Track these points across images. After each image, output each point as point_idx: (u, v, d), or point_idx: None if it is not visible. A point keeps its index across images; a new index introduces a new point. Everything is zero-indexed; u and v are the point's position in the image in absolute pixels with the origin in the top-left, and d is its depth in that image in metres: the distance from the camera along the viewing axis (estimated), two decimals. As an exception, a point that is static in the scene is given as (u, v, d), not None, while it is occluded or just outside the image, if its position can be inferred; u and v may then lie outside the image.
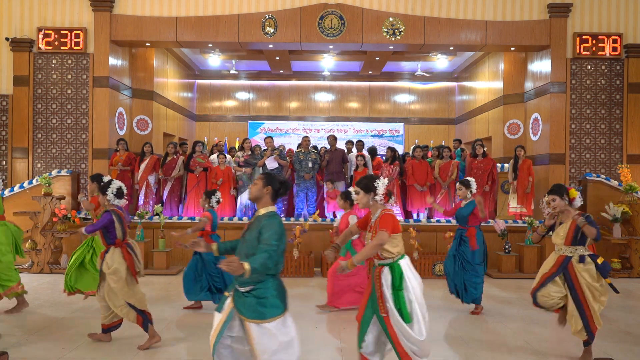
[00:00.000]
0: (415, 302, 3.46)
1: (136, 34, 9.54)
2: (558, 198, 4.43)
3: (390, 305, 3.44)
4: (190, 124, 14.10)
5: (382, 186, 3.61)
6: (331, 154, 9.61)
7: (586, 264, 4.28)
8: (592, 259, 4.29)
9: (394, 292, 3.45)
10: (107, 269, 4.63)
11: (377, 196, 3.60)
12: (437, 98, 14.95)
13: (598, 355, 4.52)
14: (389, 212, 3.56)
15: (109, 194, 4.82)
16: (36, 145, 9.53)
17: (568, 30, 9.59)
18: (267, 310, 3.06)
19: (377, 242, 3.44)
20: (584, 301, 4.27)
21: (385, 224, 3.48)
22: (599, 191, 9.20)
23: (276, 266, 3.10)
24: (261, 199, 3.23)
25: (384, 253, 3.52)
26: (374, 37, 9.57)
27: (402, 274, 3.48)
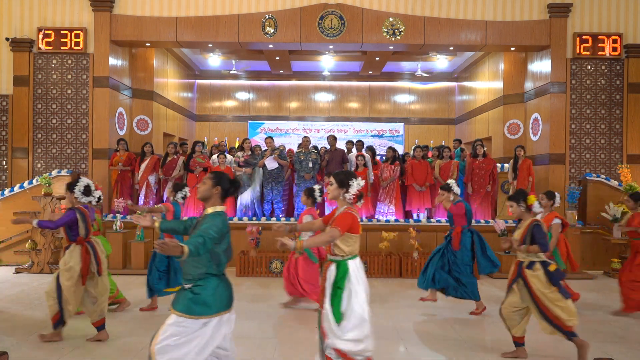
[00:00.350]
0: (352, 305, 3.43)
1: (136, 34, 9.54)
2: (515, 204, 4.45)
3: (327, 301, 3.46)
4: (190, 124, 14.10)
5: (356, 187, 3.60)
6: (331, 154, 9.61)
7: (534, 270, 4.26)
8: (542, 265, 4.26)
9: (333, 289, 3.46)
10: (64, 265, 4.72)
11: (348, 194, 3.60)
12: (437, 98, 14.95)
13: (598, 355, 4.51)
14: (350, 212, 3.55)
15: (76, 192, 4.86)
16: (36, 145, 9.53)
17: (568, 30, 9.59)
18: (195, 307, 3.03)
19: (326, 237, 3.45)
20: (543, 306, 4.24)
21: (342, 222, 3.48)
22: (599, 191, 9.21)
23: (218, 266, 3.10)
24: (210, 198, 3.21)
25: (335, 249, 3.53)
26: (374, 37, 9.57)
27: (346, 273, 3.47)
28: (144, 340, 4.76)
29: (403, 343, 4.91)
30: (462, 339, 5.05)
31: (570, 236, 8.48)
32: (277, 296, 6.80)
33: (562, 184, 9.47)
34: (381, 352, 4.60)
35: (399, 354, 4.63)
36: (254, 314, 5.87)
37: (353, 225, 3.51)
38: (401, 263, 8.23)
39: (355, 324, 3.40)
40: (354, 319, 3.41)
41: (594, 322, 5.67)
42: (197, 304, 3.03)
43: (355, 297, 3.44)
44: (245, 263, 8.20)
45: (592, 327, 5.47)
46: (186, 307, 3.03)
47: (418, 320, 5.75)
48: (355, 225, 3.53)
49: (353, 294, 3.44)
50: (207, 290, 3.06)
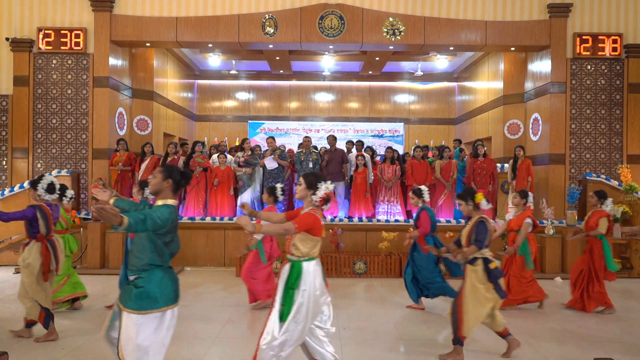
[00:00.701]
0: (302, 308, 3.42)
1: (136, 34, 9.54)
2: (464, 203, 4.52)
3: (277, 300, 3.47)
4: (190, 124, 14.10)
5: (323, 190, 3.59)
6: (331, 154, 9.61)
7: (475, 265, 4.33)
8: (483, 261, 4.31)
9: (285, 288, 3.47)
10: (22, 262, 4.75)
11: (315, 196, 3.59)
12: (437, 98, 14.95)
13: (598, 355, 4.51)
14: (314, 213, 3.55)
15: (40, 189, 4.87)
16: (36, 145, 9.53)
17: (568, 30, 9.59)
18: (141, 302, 3.03)
19: (279, 229, 3.44)
20: (460, 303, 4.30)
21: (302, 220, 3.48)
22: (599, 191, 9.19)
23: (161, 257, 3.09)
24: (161, 192, 3.22)
25: (293, 249, 3.54)
26: (374, 37, 9.57)
27: (300, 274, 3.47)
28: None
29: (403, 343, 4.91)
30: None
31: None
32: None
33: (562, 184, 9.47)
34: (381, 352, 4.60)
35: (399, 353, 4.63)
36: (254, 314, 5.87)
37: (314, 227, 3.51)
38: (401, 263, 8.23)
39: (290, 326, 3.40)
40: (292, 320, 3.40)
41: (594, 322, 5.67)
42: (142, 299, 3.03)
43: (303, 300, 3.43)
44: (245, 263, 8.19)
45: (592, 327, 5.47)
46: (134, 304, 3.03)
47: (418, 320, 5.75)
48: (316, 227, 3.52)
49: (300, 296, 3.44)
50: (151, 283, 3.05)
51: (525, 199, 6.11)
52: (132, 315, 3.01)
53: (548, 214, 8.36)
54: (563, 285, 7.71)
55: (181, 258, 8.79)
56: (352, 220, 9.04)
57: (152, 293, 3.04)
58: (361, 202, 9.26)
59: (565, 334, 5.24)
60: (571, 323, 5.63)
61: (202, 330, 5.19)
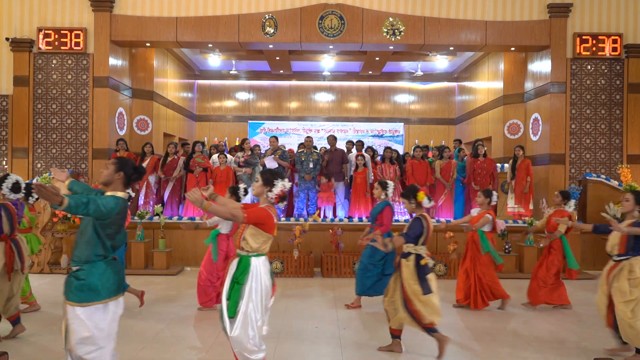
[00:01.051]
0: (249, 303, 3.43)
1: (136, 34, 9.55)
2: (407, 201, 4.60)
3: (224, 294, 3.48)
4: (190, 124, 14.10)
5: (279, 187, 3.61)
6: (331, 154, 9.61)
7: (407, 260, 4.43)
8: (415, 257, 4.41)
9: (232, 283, 3.48)
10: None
11: (271, 193, 3.61)
12: (437, 98, 14.96)
13: (598, 355, 4.52)
14: (267, 210, 3.54)
15: (4, 188, 4.87)
16: (36, 146, 9.53)
17: (568, 30, 9.59)
18: (82, 294, 3.04)
19: (227, 212, 3.40)
20: (407, 296, 4.37)
21: (253, 212, 3.48)
22: (599, 191, 9.21)
23: (104, 249, 3.10)
24: (111, 183, 3.23)
25: (243, 244, 3.54)
26: (374, 37, 9.57)
27: (247, 269, 3.48)
28: (145, 342, 4.76)
29: (403, 343, 4.91)
30: (465, 338, 5.05)
31: (571, 236, 8.47)
32: (277, 295, 6.81)
33: (562, 184, 9.47)
34: (382, 352, 4.60)
35: (399, 353, 4.63)
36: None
37: (265, 222, 3.50)
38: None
39: (242, 321, 3.42)
40: (243, 316, 3.42)
41: (594, 322, 5.67)
42: (83, 291, 3.05)
43: (250, 296, 3.45)
44: (245, 263, 8.19)
45: (591, 327, 5.48)
46: (75, 296, 3.05)
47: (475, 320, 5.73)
48: (268, 223, 3.51)
49: (248, 291, 3.45)
50: (92, 276, 3.07)
51: (490, 198, 6.13)
52: (74, 308, 3.04)
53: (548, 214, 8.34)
54: (563, 285, 7.70)
55: (181, 258, 8.80)
56: (352, 220, 9.04)
57: (94, 285, 3.06)
58: (361, 202, 9.26)
59: (565, 331, 5.24)
60: (570, 324, 5.63)
61: (202, 331, 5.19)
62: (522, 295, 7.00)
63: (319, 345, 4.79)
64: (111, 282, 3.13)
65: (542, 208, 8.49)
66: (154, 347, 4.67)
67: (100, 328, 3.07)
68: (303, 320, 5.64)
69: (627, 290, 4.29)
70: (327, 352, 4.62)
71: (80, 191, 3.43)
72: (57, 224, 8.41)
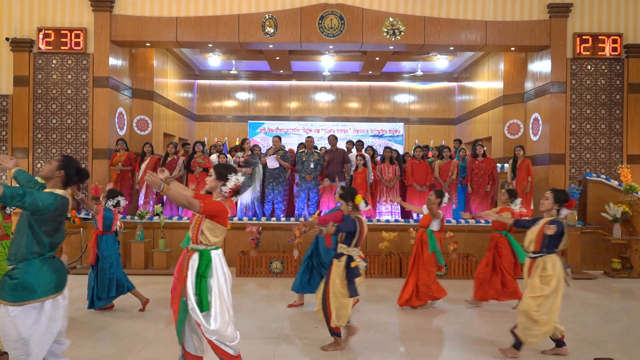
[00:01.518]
0: (216, 293, 3.48)
1: (136, 34, 9.54)
2: (344, 203, 4.69)
3: (190, 289, 3.46)
4: (190, 124, 14.10)
5: (233, 181, 3.63)
6: (332, 154, 9.60)
7: (339, 260, 4.53)
8: (347, 258, 4.49)
9: (197, 278, 3.48)
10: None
11: (224, 187, 3.63)
12: (437, 98, 14.95)
13: (598, 355, 4.51)
14: (222, 203, 3.58)
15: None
16: (36, 145, 9.53)
17: (568, 30, 9.59)
18: (16, 293, 3.00)
19: (185, 200, 3.40)
20: (328, 295, 4.48)
21: (209, 203, 3.50)
22: (599, 191, 9.21)
23: (40, 246, 3.07)
24: (51, 179, 3.22)
25: (201, 238, 3.54)
26: (374, 37, 9.57)
27: (209, 261, 3.51)
28: (144, 342, 4.76)
29: (403, 343, 4.91)
30: (463, 338, 5.04)
31: (571, 236, 8.49)
32: (278, 296, 6.81)
33: (562, 184, 9.47)
34: (382, 352, 4.61)
35: (399, 353, 4.63)
36: (254, 314, 5.87)
37: (220, 215, 3.53)
38: (401, 263, 8.23)
39: (219, 312, 3.46)
40: (218, 307, 3.47)
41: (594, 322, 5.67)
42: (17, 290, 3.01)
43: (217, 286, 3.50)
44: (245, 263, 8.20)
45: (592, 327, 5.47)
46: (9, 295, 3.01)
47: (418, 320, 5.75)
48: (223, 215, 3.55)
49: (215, 284, 3.50)
50: (27, 275, 3.04)
51: (441, 199, 6.14)
52: (8, 307, 3.01)
53: (548, 214, 8.34)
54: (563, 285, 7.71)
55: (181, 258, 8.79)
56: (352, 220, 9.02)
57: (28, 284, 3.02)
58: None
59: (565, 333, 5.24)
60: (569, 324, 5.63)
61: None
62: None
63: (320, 346, 4.78)
64: (48, 280, 3.08)
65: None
66: (154, 347, 4.67)
67: (35, 328, 3.01)
68: (303, 320, 5.64)
69: (537, 287, 4.37)
70: (327, 352, 4.62)
71: (24, 182, 3.43)
72: (57, 224, 8.40)
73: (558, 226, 4.35)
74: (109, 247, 5.91)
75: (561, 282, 4.37)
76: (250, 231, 8.21)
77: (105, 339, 4.90)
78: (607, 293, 7.24)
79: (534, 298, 4.35)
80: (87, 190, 9.44)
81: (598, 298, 6.91)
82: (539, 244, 4.45)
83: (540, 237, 4.44)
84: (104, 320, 5.51)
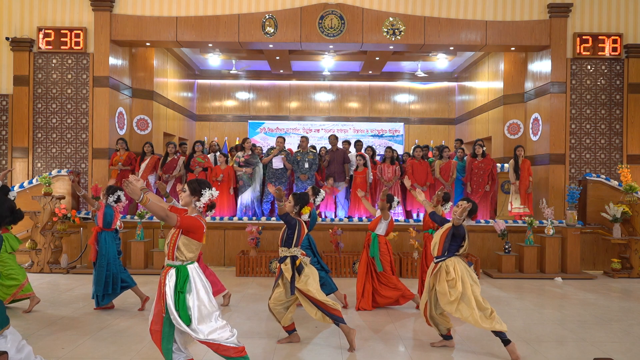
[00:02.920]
0: (197, 307, 3.48)
1: (136, 34, 9.54)
2: (293, 204, 4.78)
3: (170, 305, 3.45)
4: (190, 123, 14.10)
5: (207, 197, 3.65)
6: (332, 154, 9.60)
7: (285, 264, 4.64)
8: (291, 259, 4.61)
9: (175, 293, 3.48)
10: None
11: (199, 202, 3.65)
12: (437, 98, 14.96)
13: (598, 356, 4.52)
14: (198, 219, 3.59)
15: None
16: (36, 145, 9.53)
17: (568, 30, 9.59)
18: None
19: (163, 212, 3.39)
20: (307, 295, 4.56)
21: (187, 219, 3.51)
22: (599, 191, 9.21)
23: None
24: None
25: (177, 254, 3.53)
26: (374, 37, 9.57)
27: (187, 277, 3.50)
28: (145, 343, 4.76)
29: (403, 343, 4.91)
30: (463, 338, 5.05)
31: (570, 236, 8.50)
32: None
33: (562, 184, 9.47)
34: (382, 352, 4.61)
35: (399, 353, 4.63)
36: (255, 314, 5.87)
37: (196, 231, 3.54)
38: (401, 263, 8.23)
39: (204, 323, 3.47)
40: (203, 314, 3.48)
41: (594, 322, 5.68)
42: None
43: (198, 296, 3.50)
44: (245, 263, 8.20)
45: (592, 327, 5.48)
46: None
47: (418, 319, 5.75)
48: (198, 232, 3.55)
49: (195, 294, 3.50)
50: None
51: (390, 204, 6.16)
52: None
53: (548, 214, 8.36)
54: (563, 285, 7.72)
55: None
56: (352, 220, 9.04)
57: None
58: (361, 202, 9.25)
59: (579, 330, 5.24)
60: (570, 324, 5.63)
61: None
62: (521, 295, 7.01)
63: (320, 346, 4.78)
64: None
65: (542, 208, 8.50)
66: (153, 346, 4.67)
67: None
68: (303, 320, 5.64)
69: (447, 292, 4.44)
70: (328, 352, 4.62)
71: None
72: (57, 224, 8.41)
73: (461, 228, 4.48)
74: (107, 244, 5.92)
75: (466, 280, 4.45)
76: (250, 231, 8.21)
77: (105, 338, 4.90)
78: (607, 293, 7.24)
79: (449, 304, 4.44)
80: (86, 190, 9.44)
81: (598, 298, 6.91)
82: (441, 247, 4.55)
83: (442, 240, 4.55)
84: (104, 320, 5.51)
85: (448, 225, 4.59)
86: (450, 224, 4.56)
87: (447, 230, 4.55)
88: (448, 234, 4.53)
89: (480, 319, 4.36)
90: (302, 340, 4.92)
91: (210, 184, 3.75)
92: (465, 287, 4.43)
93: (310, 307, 4.61)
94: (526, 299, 6.75)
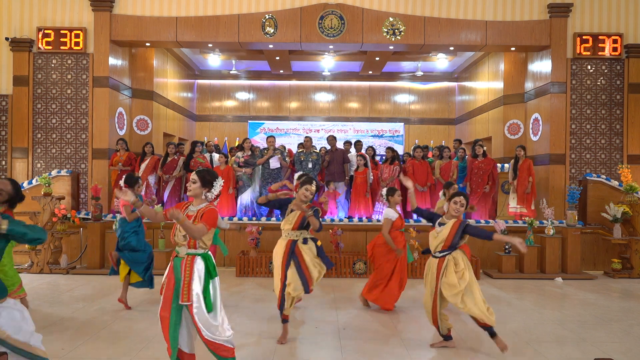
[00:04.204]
0: (218, 295, 3.61)
1: (136, 34, 9.54)
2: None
3: (197, 292, 3.51)
4: (190, 124, 14.10)
5: (218, 187, 3.73)
6: (332, 154, 9.60)
7: (308, 244, 4.89)
8: (313, 240, 4.92)
9: (206, 279, 3.55)
10: None
11: (210, 193, 3.71)
12: (437, 98, 14.96)
13: (598, 356, 4.51)
14: (214, 208, 3.66)
15: None
16: (36, 145, 9.53)
17: (568, 30, 9.58)
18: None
19: (198, 231, 3.47)
20: (305, 267, 4.81)
21: (209, 218, 3.57)
22: (599, 191, 9.21)
23: None
24: None
25: (200, 243, 3.61)
26: (374, 37, 9.56)
27: (214, 263, 3.63)
28: (146, 344, 4.75)
29: (403, 343, 4.91)
30: (465, 339, 5.04)
31: (571, 236, 8.49)
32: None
33: (562, 184, 9.46)
34: (382, 352, 4.60)
35: (399, 354, 4.62)
36: (255, 314, 5.87)
37: (216, 221, 3.64)
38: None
39: (219, 308, 3.60)
40: (219, 304, 3.60)
41: (595, 323, 5.67)
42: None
43: (214, 285, 3.62)
44: (245, 263, 8.19)
45: (592, 327, 5.47)
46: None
47: (418, 320, 5.75)
48: (217, 220, 3.67)
49: (217, 284, 3.64)
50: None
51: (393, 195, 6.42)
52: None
53: (548, 214, 8.36)
54: (563, 286, 7.71)
55: (181, 258, 8.78)
56: (352, 220, 9.03)
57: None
58: (361, 202, 9.25)
59: (568, 329, 5.23)
60: (571, 324, 5.63)
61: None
62: (521, 295, 7.00)
63: (320, 346, 4.78)
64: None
65: (543, 208, 8.49)
66: (154, 347, 4.66)
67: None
68: (303, 321, 5.64)
69: (455, 283, 4.47)
70: (328, 353, 4.62)
71: None
72: (57, 224, 8.40)
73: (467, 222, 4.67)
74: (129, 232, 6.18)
75: (471, 270, 4.56)
76: (250, 231, 8.20)
77: (105, 338, 4.89)
78: (607, 293, 7.23)
79: (455, 295, 4.46)
80: (86, 190, 9.44)
81: (598, 298, 6.90)
82: (450, 242, 4.59)
83: (451, 238, 4.58)
84: (104, 320, 5.50)
85: (454, 221, 4.65)
86: (455, 219, 4.66)
87: (456, 225, 4.60)
88: (458, 229, 4.58)
89: (487, 311, 4.41)
90: (302, 340, 4.92)
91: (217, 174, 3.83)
92: (471, 276, 4.52)
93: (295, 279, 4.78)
94: (526, 299, 6.74)
